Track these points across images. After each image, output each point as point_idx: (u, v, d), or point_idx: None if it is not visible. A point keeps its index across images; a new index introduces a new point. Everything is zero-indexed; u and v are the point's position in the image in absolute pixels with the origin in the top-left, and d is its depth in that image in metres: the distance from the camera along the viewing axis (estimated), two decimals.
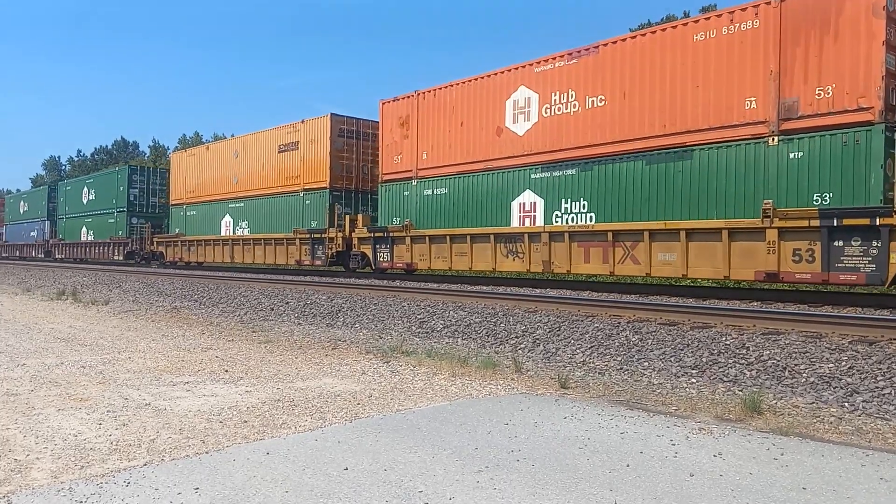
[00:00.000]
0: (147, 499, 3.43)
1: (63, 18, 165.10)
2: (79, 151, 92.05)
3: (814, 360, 6.86)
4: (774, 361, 6.98)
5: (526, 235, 15.55)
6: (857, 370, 6.48)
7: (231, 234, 26.96)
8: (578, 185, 14.83)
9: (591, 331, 9.00)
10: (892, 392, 5.95)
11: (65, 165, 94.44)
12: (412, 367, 7.52)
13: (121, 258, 34.78)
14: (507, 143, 16.33)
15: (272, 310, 13.58)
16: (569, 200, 15.03)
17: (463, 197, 17.49)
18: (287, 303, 13.98)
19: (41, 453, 4.21)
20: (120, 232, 34.96)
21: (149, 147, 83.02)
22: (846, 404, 5.85)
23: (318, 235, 21.99)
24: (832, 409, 5.74)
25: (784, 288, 13.70)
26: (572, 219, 14.88)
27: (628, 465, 4.04)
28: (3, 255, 54.37)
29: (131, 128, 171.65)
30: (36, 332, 10.50)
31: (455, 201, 17.69)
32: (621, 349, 8.18)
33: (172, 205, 31.76)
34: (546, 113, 15.47)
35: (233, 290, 16.52)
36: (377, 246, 19.84)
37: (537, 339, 9.13)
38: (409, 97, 19.17)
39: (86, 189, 40.24)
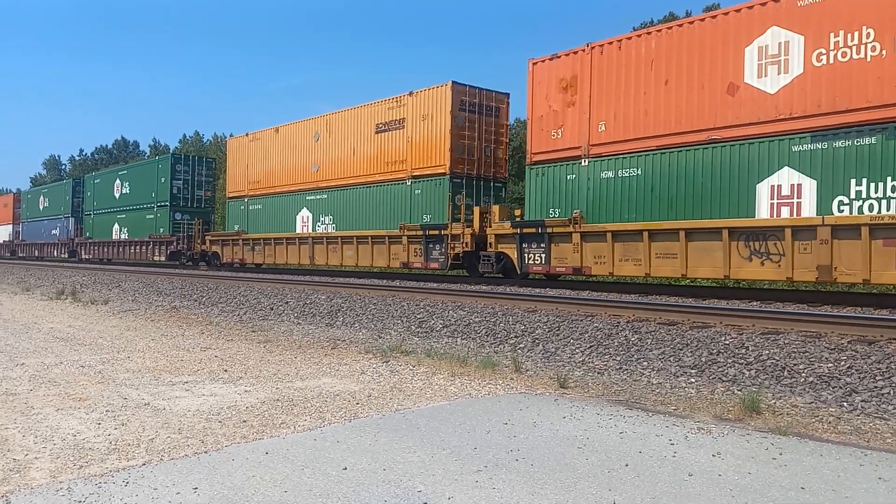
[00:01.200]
0: (146, 498, 3.43)
1: (63, 18, 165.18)
2: (80, 150, 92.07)
3: (813, 359, 6.86)
4: (773, 361, 6.98)
5: (788, 230, 11.51)
6: (856, 370, 6.48)
7: (310, 231, 22.67)
8: (881, 160, 10.79)
9: (591, 330, 9.00)
10: (891, 392, 5.95)
11: (65, 165, 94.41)
12: (411, 367, 7.52)
13: (162, 259, 30.80)
14: (749, 104, 12.31)
15: (272, 309, 13.58)
16: (863, 181, 10.98)
17: (668, 180, 13.40)
18: (286, 302, 13.98)
19: (40, 453, 4.21)
20: (161, 230, 30.99)
21: (149, 147, 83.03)
22: (845, 404, 5.85)
23: (435, 232, 18.12)
24: (831, 409, 5.75)
25: (784, 288, 13.71)
26: (870, 206, 10.88)
27: (627, 465, 4.05)
28: (20, 254, 49.73)
29: (131, 127, 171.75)
30: (35, 332, 10.50)
31: (654, 186, 13.62)
32: (620, 349, 8.18)
33: (230, 198, 27.36)
34: (818, 62, 11.51)
35: (232, 290, 16.51)
36: (525, 245, 15.83)
37: (536, 338, 9.13)
38: (576, 53, 15.11)
39: (118, 182, 35.95)
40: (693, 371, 7.15)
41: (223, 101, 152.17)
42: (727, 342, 7.73)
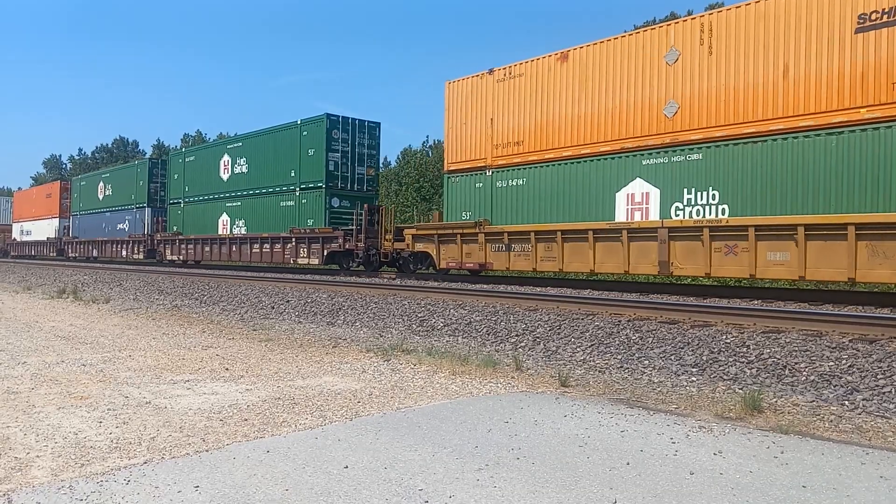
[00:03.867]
0: (147, 497, 3.44)
1: (63, 18, 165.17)
2: (80, 150, 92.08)
3: (814, 358, 6.86)
4: (775, 360, 6.98)
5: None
6: (858, 368, 6.48)
7: (663, 218, 13.61)
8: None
9: (592, 329, 9.00)
10: (893, 390, 5.94)
11: (66, 164, 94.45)
12: (412, 366, 7.52)
13: (315, 262, 22.44)
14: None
15: (273, 308, 13.59)
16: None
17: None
18: (288, 301, 13.99)
19: (41, 451, 4.21)
20: (310, 221, 22.50)
21: (151, 147, 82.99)
22: (846, 402, 5.85)
23: None
24: (832, 408, 5.74)
25: (784, 287, 13.71)
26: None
27: (628, 464, 4.04)
28: (71, 254, 41.00)
29: (132, 127, 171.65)
30: (36, 331, 10.50)
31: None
32: (622, 347, 8.18)
33: (453, 172, 18.19)
34: None
35: (233, 289, 16.52)
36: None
37: (538, 337, 9.13)
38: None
39: (227, 158, 27.25)
40: (694, 370, 7.14)
41: (223, 101, 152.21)
42: (728, 341, 7.73)
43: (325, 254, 22.20)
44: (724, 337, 7.88)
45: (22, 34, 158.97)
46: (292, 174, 23.74)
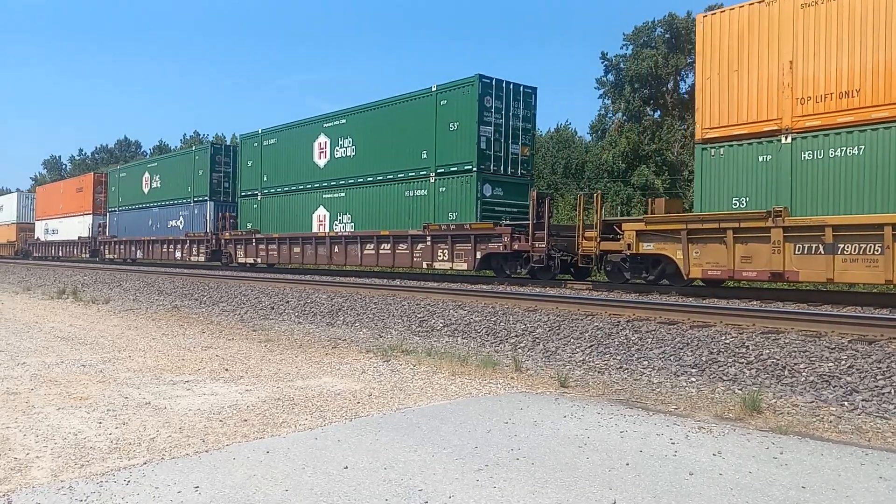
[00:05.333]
0: (147, 497, 3.44)
1: (62, 18, 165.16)
2: (80, 150, 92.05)
3: (813, 358, 6.86)
4: (774, 360, 6.98)
5: None
6: (857, 369, 6.48)
7: None
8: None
9: (591, 330, 9.01)
10: (892, 391, 5.95)
11: (66, 164, 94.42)
12: (412, 366, 7.52)
13: (465, 267, 17.31)
14: None
15: (272, 308, 13.59)
16: None
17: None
18: (287, 302, 13.99)
19: (41, 452, 4.21)
20: (452, 215, 17.73)
21: (152, 149, 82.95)
22: (846, 403, 5.85)
23: None
24: (832, 408, 5.75)
25: (784, 287, 13.70)
26: None
27: (628, 464, 4.05)
28: (108, 255, 35.71)
29: (131, 127, 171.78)
30: (36, 331, 10.50)
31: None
32: (621, 348, 8.18)
33: (712, 141, 13.06)
34: None
35: (233, 290, 16.52)
36: None
37: (537, 337, 9.13)
38: None
39: (323, 140, 21.97)
40: (694, 370, 7.15)
41: (223, 100, 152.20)
42: (728, 341, 7.73)
43: (479, 256, 17.00)
44: (724, 337, 7.88)
45: (21, 35, 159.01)
46: (424, 156, 18.52)
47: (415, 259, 18.79)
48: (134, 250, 33.53)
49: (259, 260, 24.86)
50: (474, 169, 17.31)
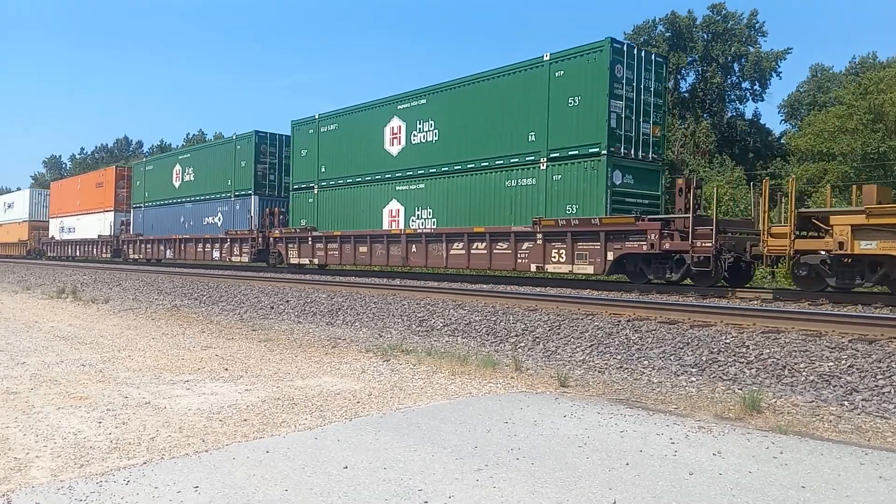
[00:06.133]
0: (147, 497, 3.44)
1: (62, 18, 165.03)
2: (81, 149, 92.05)
3: (813, 358, 6.86)
4: (774, 360, 6.98)
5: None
6: (857, 369, 6.48)
7: None
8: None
9: (591, 329, 9.00)
10: (892, 391, 5.95)
11: (66, 163, 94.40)
12: (412, 366, 7.52)
13: (591, 270, 14.25)
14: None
15: (272, 308, 13.58)
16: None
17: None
18: (287, 301, 13.98)
19: (41, 452, 4.21)
20: (571, 208, 14.75)
21: (152, 148, 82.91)
22: (846, 403, 5.85)
23: None
24: (832, 408, 5.75)
25: (783, 287, 13.69)
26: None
27: (628, 464, 4.05)
28: (132, 255, 32.62)
29: (131, 127, 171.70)
30: (36, 331, 10.50)
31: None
32: (621, 348, 8.18)
33: None
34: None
35: (233, 289, 16.51)
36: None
37: (537, 337, 9.13)
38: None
39: (395, 124, 19.30)
40: (694, 370, 7.15)
41: (222, 101, 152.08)
42: (728, 341, 7.73)
43: (611, 258, 13.88)
44: (724, 337, 7.87)
45: (21, 35, 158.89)
46: (531, 138, 15.63)
47: (519, 260, 15.70)
48: (163, 250, 30.33)
49: (316, 261, 22.22)
50: (604, 152, 14.22)
